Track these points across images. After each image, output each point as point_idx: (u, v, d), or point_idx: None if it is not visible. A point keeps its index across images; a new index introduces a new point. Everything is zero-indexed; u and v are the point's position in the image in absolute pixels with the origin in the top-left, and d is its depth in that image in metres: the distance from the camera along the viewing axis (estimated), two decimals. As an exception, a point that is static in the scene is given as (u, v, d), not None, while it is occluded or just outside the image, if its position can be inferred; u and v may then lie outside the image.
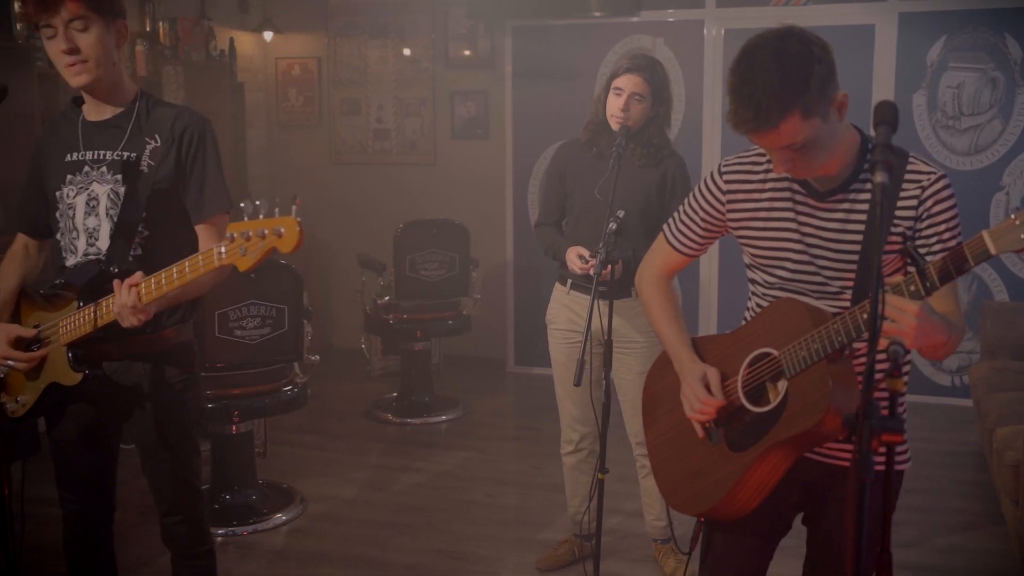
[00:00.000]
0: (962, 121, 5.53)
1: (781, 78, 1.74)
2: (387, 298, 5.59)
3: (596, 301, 2.92)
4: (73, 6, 2.19)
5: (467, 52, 6.55)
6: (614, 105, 3.27)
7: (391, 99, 6.76)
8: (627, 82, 3.27)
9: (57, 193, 2.39)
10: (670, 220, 2.25)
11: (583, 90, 6.04)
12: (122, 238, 2.33)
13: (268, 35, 6.70)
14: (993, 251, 1.64)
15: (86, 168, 2.36)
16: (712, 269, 5.95)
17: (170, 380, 2.45)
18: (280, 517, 4.11)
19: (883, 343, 1.60)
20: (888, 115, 1.62)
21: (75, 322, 2.27)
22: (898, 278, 1.81)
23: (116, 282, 2.13)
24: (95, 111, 2.40)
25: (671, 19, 5.93)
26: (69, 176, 2.37)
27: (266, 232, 1.93)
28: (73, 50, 2.22)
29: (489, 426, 5.44)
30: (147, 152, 2.33)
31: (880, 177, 1.51)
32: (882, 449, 1.50)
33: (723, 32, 5.79)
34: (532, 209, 6.32)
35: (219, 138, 2.51)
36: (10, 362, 2.32)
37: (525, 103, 6.24)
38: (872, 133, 1.77)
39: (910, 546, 3.84)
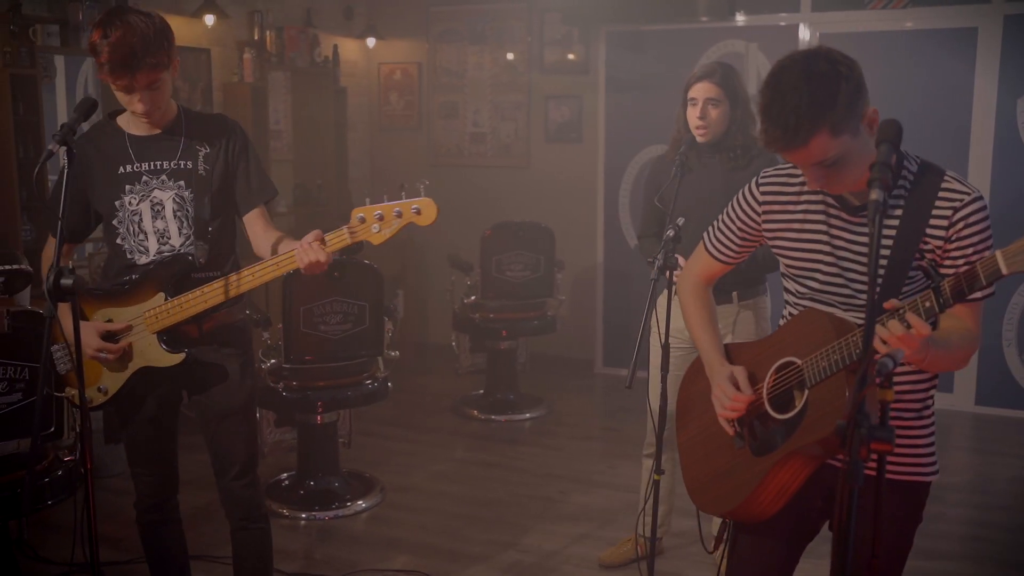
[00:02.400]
0: (1070, 127, 5.31)
1: (809, 96, 1.78)
2: (473, 297, 5.75)
3: (657, 303, 2.99)
4: (148, 76, 2.45)
5: (563, 57, 6.66)
6: (692, 116, 3.33)
7: (487, 103, 6.93)
8: (699, 90, 3.32)
9: (116, 202, 2.63)
10: (710, 229, 2.31)
11: (675, 95, 6.03)
12: (200, 234, 2.61)
13: (371, 41, 6.97)
14: (1005, 271, 1.66)
15: (144, 178, 2.62)
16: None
17: (232, 355, 2.75)
18: (360, 504, 4.31)
19: (882, 349, 1.66)
20: (891, 134, 1.65)
21: (164, 312, 2.55)
22: (909, 302, 1.83)
23: (303, 243, 2.43)
24: (143, 127, 2.63)
25: (766, 24, 5.89)
26: (128, 186, 2.62)
27: (402, 211, 2.31)
28: (148, 112, 2.53)
29: (571, 425, 5.53)
30: (200, 158, 2.63)
31: (876, 195, 1.55)
32: (874, 456, 1.55)
33: (818, 36, 5.72)
34: (623, 213, 6.38)
35: (322, 141, 2.81)
36: (102, 353, 2.57)
37: (618, 108, 6.30)
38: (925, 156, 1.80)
39: (1003, 566, 3.77)
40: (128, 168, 2.63)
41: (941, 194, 1.92)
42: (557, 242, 5.71)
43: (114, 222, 2.65)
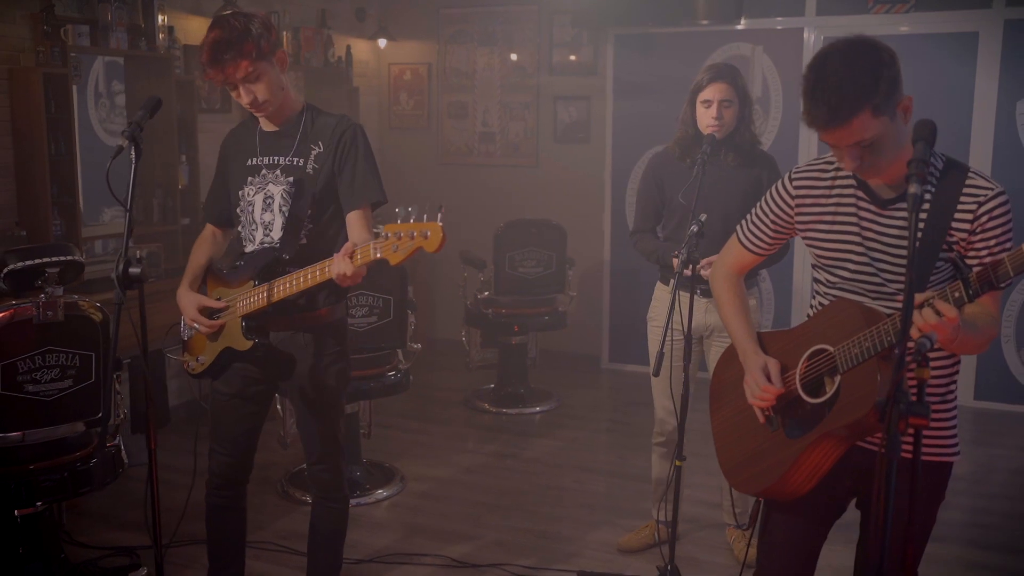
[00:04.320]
0: (1067, 130, 5.48)
1: (852, 78, 1.92)
2: (487, 293, 5.88)
3: (678, 296, 3.13)
4: (244, 66, 2.58)
5: (571, 58, 6.80)
6: (707, 116, 3.46)
7: (496, 103, 7.06)
8: (714, 92, 3.46)
9: (239, 192, 2.82)
10: (743, 222, 2.44)
11: (682, 97, 6.17)
12: (292, 230, 2.73)
13: (383, 42, 7.10)
14: None
15: (263, 171, 2.78)
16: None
17: (324, 351, 2.85)
18: (381, 493, 4.43)
19: (915, 334, 1.79)
20: (926, 132, 1.79)
21: (251, 298, 2.69)
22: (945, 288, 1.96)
23: (336, 256, 2.45)
24: (270, 123, 2.80)
25: (771, 27, 6.04)
26: (250, 178, 2.80)
27: (415, 234, 2.27)
28: (253, 102, 2.65)
29: (581, 418, 5.67)
30: (312, 156, 2.75)
31: (914, 188, 1.69)
32: (910, 431, 1.68)
33: (823, 39, 5.87)
34: (630, 212, 6.51)
35: None
36: (196, 325, 2.77)
37: (625, 109, 6.45)
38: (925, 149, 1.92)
39: (1004, 551, 3.92)
40: (253, 161, 2.80)
41: (966, 189, 2.04)
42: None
43: (237, 210, 2.84)
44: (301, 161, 2.76)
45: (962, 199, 2.04)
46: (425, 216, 2.31)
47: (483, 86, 7.09)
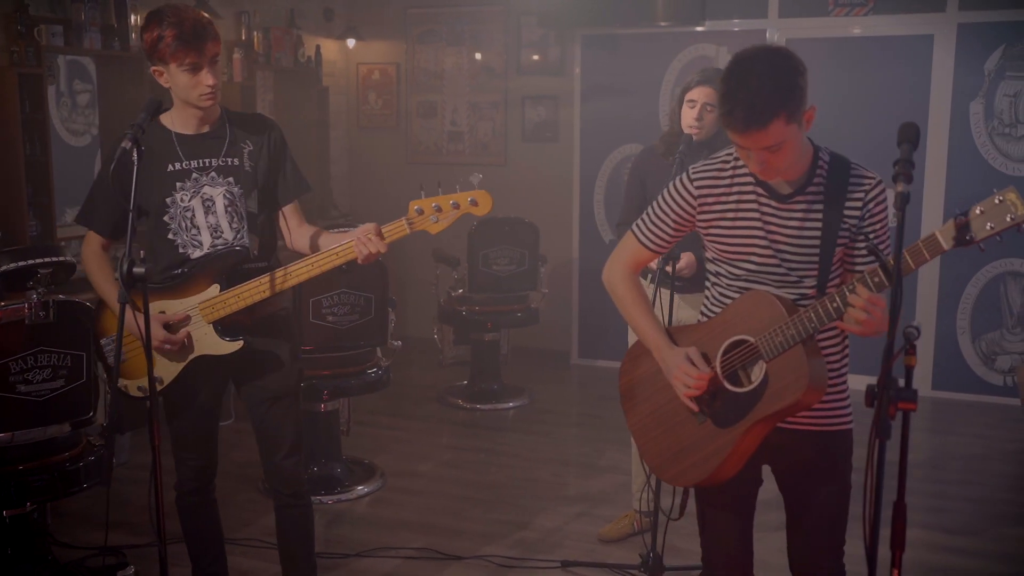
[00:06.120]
0: (1018, 128, 5.70)
1: (771, 86, 2.04)
2: (461, 291, 5.95)
3: (659, 292, 3.24)
4: (214, 46, 2.64)
5: (538, 58, 6.89)
6: (689, 116, 3.57)
7: (465, 103, 7.13)
8: (699, 94, 3.56)
9: (168, 199, 2.75)
10: (639, 221, 2.49)
11: (648, 97, 6.35)
12: (250, 227, 2.77)
13: (351, 42, 7.13)
14: (945, 247, 1.94)
15: (194, 175, 2.77)
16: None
17: (284, 341, 2.92)
18: (362, 489, 4.49)
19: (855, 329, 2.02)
20: (911, 135, 1.92)
21: (220, 303, 2.71)
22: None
23: (359, 235, 2.60)
24: (190, 125, 2.78)
25: (735, 28, 6.19)
26: (178, 183, 2.76)
27: (458, 203, 2.50)
28: (214, 87, 2.68)
29: (554, 413, 5.77)
30: (245, 155, 2.80)
31: (900, 187, 1.81)
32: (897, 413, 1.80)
33: (785, 41, 6.03)
34: (598, 209, 6.63)
35: (305, 139, 3.00)
36: (167, 345, 2.71)
37: (593, 108, 6.56)
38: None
39: (964, 533, 4.08)
40: (177, 166, 2.76)
41: (852, 180, 2.20)
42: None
43: (165, 218, 2.77)
44: (236, 160, 2.79)
45: (850, 189, 2.19)
46: (457, 187, 2.53)
47: (451, 86, 7.16)
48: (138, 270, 2.35)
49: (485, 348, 5.98)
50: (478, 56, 7.04)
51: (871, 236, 2.19)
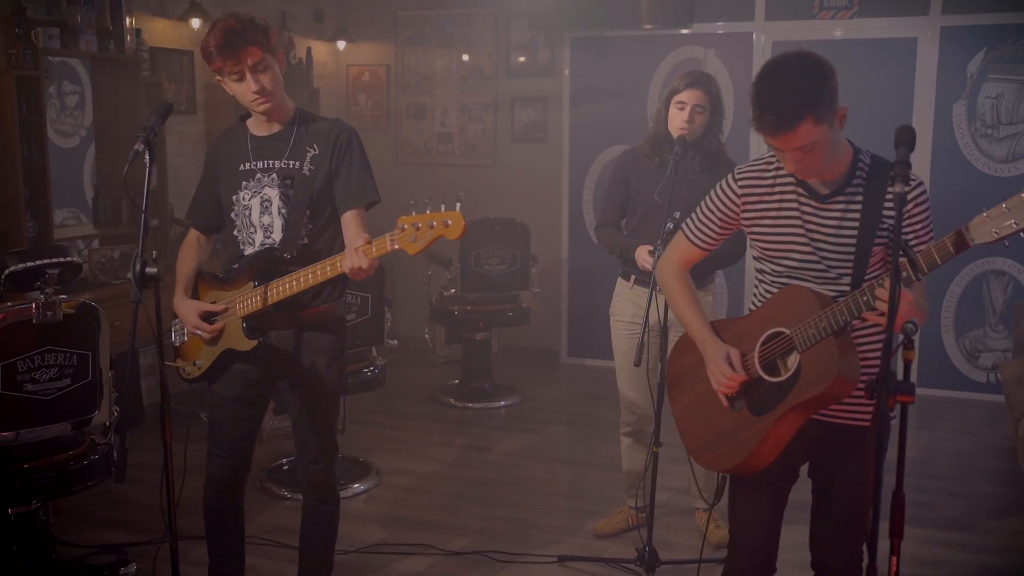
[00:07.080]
0: (1000, 130, 5.81)
1: (799, 89, 2.14)
2: (453, 290, 6.01)
3: (654, 293, 3.30)
4: (256, 52, 2.68)
5: (527, 60, 6.96)
6: (679, 118, 3.63)
7: (455, 105, 7.19)
8: (689, 96, 3.62)
9: (234, 197, 2.87)
10: (689, 220, 2.60)
11: (636, 99, 6.43)
12: (292, 231, 2.80)
13: (341, 44, 7.17)
14: (971, 243, 2.01)
15: (258, 175, 2.84)
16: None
17: (323, 348, 2.91)
18: (359, 487, 4.53)
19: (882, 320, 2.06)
20: (907, 137, 1.99)
21: (251, 299, 2.77)
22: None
23: (349, 250, 2.59)
24: (263, 127, 2.87)
25: (721, 31, 6.28)
26: (244, 183, 2.85)
27: (435, 223, 2.39)
28: (261, 90, 2.71)
29: (545, 411, 5.83)
30: (308, 159, 2.82)
31: (898, 188, 1.88)
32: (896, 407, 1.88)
33: (771, 44, 6.12)
34: (587, 210, 6.70)
35: None
36: (198, 331, 2.83)
37: (581, 110, 6.63)
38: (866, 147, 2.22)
39: (952, 527, 4.17)
40: (246, 165, 2.85)
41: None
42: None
43: (232, 215, 2.88)
44: (297, 164, 2.82)
45: (890, 191, 2.27)
46: (443, 206, 2.43)
47: (441, 87, 7.21)
48: (150, 270, 2.40)
49: (476, 347, 6.04)
50: (468, 58, 7.09)
51: (911, 237, 2.27)
